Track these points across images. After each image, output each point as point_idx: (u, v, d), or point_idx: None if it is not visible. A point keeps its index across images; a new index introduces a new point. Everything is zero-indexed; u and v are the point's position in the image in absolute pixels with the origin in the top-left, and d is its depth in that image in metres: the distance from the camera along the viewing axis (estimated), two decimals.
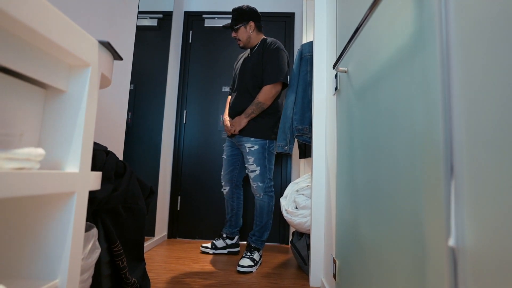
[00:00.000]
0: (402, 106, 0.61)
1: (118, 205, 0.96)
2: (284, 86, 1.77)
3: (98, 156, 0.91)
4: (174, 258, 1.78)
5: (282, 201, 1.75)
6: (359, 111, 0.91)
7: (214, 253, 1.87)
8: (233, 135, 1.81)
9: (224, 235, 1.90)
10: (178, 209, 2.38)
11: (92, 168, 0.88)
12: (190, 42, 2.56)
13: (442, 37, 0.47)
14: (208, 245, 1.90)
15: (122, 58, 0.65)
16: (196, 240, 2.33)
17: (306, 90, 1.71)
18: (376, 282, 0.72)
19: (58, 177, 0.47)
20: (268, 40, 1.78)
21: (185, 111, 2.49)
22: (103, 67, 0.61)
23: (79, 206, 0.53)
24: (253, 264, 1.59)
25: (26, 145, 0.51)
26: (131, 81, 1.71)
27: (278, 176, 2.39)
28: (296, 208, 1.65)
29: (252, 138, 1.73)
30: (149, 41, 2.05)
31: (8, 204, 0.52)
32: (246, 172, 1.86)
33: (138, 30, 1.79)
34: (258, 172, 1.71)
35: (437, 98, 0.48)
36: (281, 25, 2.55)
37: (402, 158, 0.60)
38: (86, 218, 0.82)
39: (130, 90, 1.69)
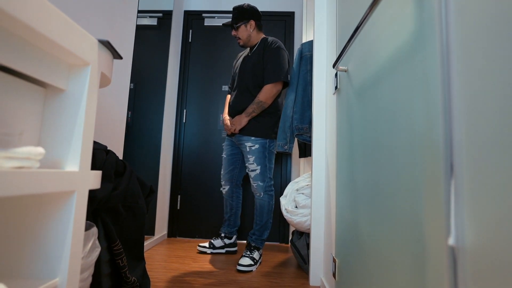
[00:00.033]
0: (402, 105, 0.61)
1: (118, 204, 0.96)
2: (284, 85, 1.77)
3: (98, 155, 0.91)
4: (174, 257, 1.78)
5: (282, 200, 1.75)
6: (359, 110, 0.91)
7: (212, 252, 1.86)
8: (233, 134, 1.81)
9: (222, 235, 1.90)
10: (178, 208, 2.38)
11: (92, 167, 0.88)
12: (190, 41, 2.55)
13: (442, 36, 0.47)
14: (205, 244, 1.88)
15: (122, 57, 0.65)
16: (196, 239, 2.33)
17: (306, 89, 1.70)
18: (376, 281, 0.72)
19: (58, 176, 0.47)
20: (269, 39, 1.78)
21: (185, 110, 2.48)
22: (103, 66, 0.61)
23: (79, 205, 0.53)
24: (253, 263, 1.60)
25: (26, 144, 0.51)
26: (131, 80, 1.71)
27: (278, 175, 2.39)
28: (296, 207, 1.65)
29: (252, 137, 1.72)
30: (149, 40, 2.05)
31: (8, 203, 0.52)
32: (245, 171, 1.87)
33: (138, 29, 1.79)
34: (258, 171, 1.71)
35: (437, 97, 0.48)
36: (281, 24, 2.54)
37: (402, 157, 0.60)
38: (86, 217, 0.82)
39: (130, 89, 1.69)
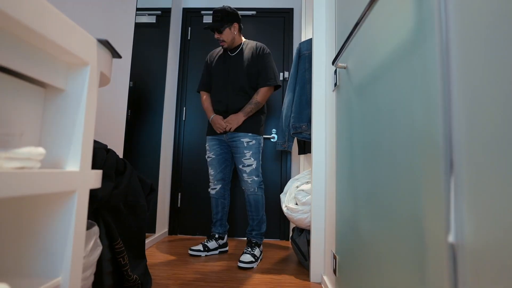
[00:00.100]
0: (402, 102, 0.61)
1: (119, 202, 0.96)
2: (276, 87, 1.88)
3: (99, 154, 0.91)
4: (175, 254, 1.79)
5: (282, 197, 1.76)
6: (359, 107, 0.91)
7: (206, 255, 1.81)
8: (224, 132, 1.82)
9: (216, 236, 1.87)
10: (179, 205, 2.39)
11: (92, 166, 0.88)
12: (189, 38, 2.54)
13: (441, 32, 0.47)
14: (197, 247, 1.80)
15: (121, 56, 0.65)
16: (196, 236, 2.34)
17: (304, 88, 1.71)
18: (376, 277, 0.72)
19: (59, 176, 0.47)
20: (258, 44, 1.87)
21: (184, 108, 2.48)
22: (102, 66, 0.61)
23: (80, 205, 0.54)
24: (254, 260, 1.60)
25: (26, 144, 0.51)
26: (130, 78, 1.71)
27: (278, 172, 2.40)
28: (296, 204, 1.65)
29: (249, 134, 1.79)
30: (147, 38, 2.04)
31: (9, 203, 0.52)
32: (231, 168, 1.93)
33: (137, 27, 1.78)
34: (254, 166, 1.78)
35: (436, 93, 0.48)
36: (279, 20, 2.53)
37: (402, 154, 0.60)
38: (87, 216, 0.82)
39: (129, 88, 1.69)
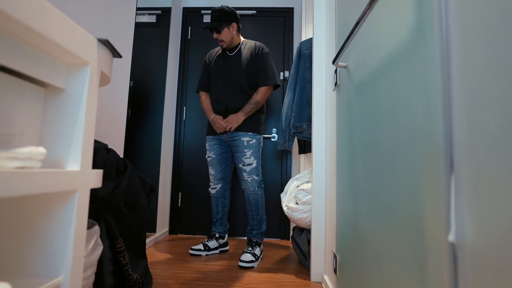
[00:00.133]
0: (402, 101, 0.61)
1: (119, 202, 0.96)
2: (275, 87, 1.88)
3: (99, 153, 0.91)
4: (175, 253, 1.79)
5: (283, 196, 1.76)
6: (359, 106, 0.91)
7: (207, 255, 1.82)
8: (224, 132, 1.82)
9: (217, 235, 1.88)
10: (179, 205, 2.39)
11: (93, 166, 0.88)
12: (189, 38, 2.54)
13: (441, 32, 0.47)
14: (198, 247, 1.81)
15: (121, 56, 0.65)
16: (197, 235, 2.34)
17: (305, 87, 1.71)
18: (376, 276, 0.72)
19: (60, 175, 0.47)
20: (256, 43, 1.87)
21: (184, 108, 2.48)
22: (103, 65, 0.61)
23: (81, 204, 0.54)
24: (254, 259, 1.61)
25: (27, 144, 0.51)
26: (131, 78, 1.71)
27: (278, 171, 2.40)
28: (296, 203, 1.65)
29: (250, 133, 1.80)
30: (148, 37, 2.04)
31: (10, 203, 0.52)
32: (232, 168, 1.94)
33: (137, 26, 1.78)
34: (254, 165, 1.78)
35: (437, 93, 0.48)
36: (280, 20, 2.53)
37: (402, 153, 0.60)
38: (88, 215, 0.83)
39: (129, 87, 1.69)
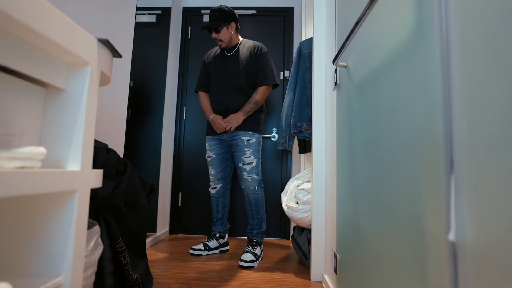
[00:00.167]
0: (402, 101, 0.61)
1: (119, 202, 0.96)
2: (274, 86, 1.88)
3: (99, 153, 0.91)
4: (176, 253, 1.79)
5: (283, 196, 1.76)
6: (359, 106, 0.91)
7: (207, 254, 1.82)
8: (224, 132, 1.83)
9: (217, 235, 1.88)
10: (179, 205, 2.39)
11: (93, 166, 0.88)
12: (189, 38, 2.54)
13: (441, 32, 0.47)
14: (198, 246, 1.81)
15: (121, 56, 0.65)
16: (197, 235, 2.34)
17: (305, 87, 1.71)
18: (377, 276, 0.72)
19: (60, 175, 0.47)
20: (255, 43, 1.87)
21: (185, 108, 2.48)
22: (103, 65, 0.61)
23: (81, 204, 0.54)
24: (255, 259, 1.61)
25: (27, 144, 0.51)
26: (131, 78, 1.71)
27: (278, 171, 2.40)
28: (297, 203, 1.65)
29: (250, 132, 1.80)
30: (148, 37, 2.04)
31: (10, 203, 0.52)
32: (232, 168, 1.94)
33: (137, 26, 1.78)
34: (254, 164, 1.78)
35: (437, 92, 0.48)
36: (280, 19, 2.53)
37: (402, 153, 0.60)
38: (88, 215, 0.83)
39: (129, 87, 1.69)
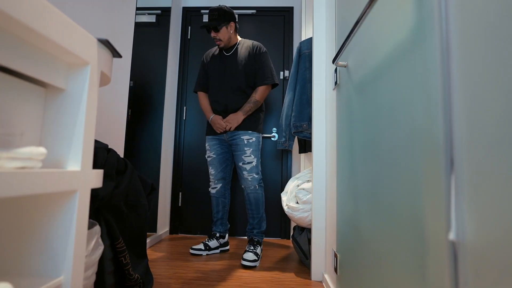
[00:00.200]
0: (402, 100, 0.61)
1: (120, 202, 0.96)
2: (273, 86, 1.88)
3: (99, 153, 0.91)
4: (176, 253, 1.79)
5: (283, 196, 1.76)
6: (359, 106, 0.91)
7: (207, 254, 1.82)
8: (224, 132, 1.83)
9: (217, 235, 1.88)
10: (180, 205, 2.39)
11: (93, 166, 0.88)
12: (189, 38, 2.54)
13: (441, 31, 0.47)
14: (198, 246, 1.81)
15: (121, 56, 0.65)
16: (197, 235, 2.34)
17: (305, 87, 1.71)
18: (377, 275, 0.72)
19: (60, 175, 0.47)
20: (254, 43, 1.87)
21: (185, 107, 2.48)
22: (103, 65, 0.61)
23: (82, 204, 0.54)
24: (257, 258, 1.62)
25: (27, 144, 0.51)
26: (131, 78, 1.71)
27: (278, 171, 2.40)
28: (297, 203, 1.66)
29: (249, 131, 1.81)
30: (148, 37, 2.04)
31: (11, 203, 0.52)
32: (232, 167, 1.95)
33: (137, 26, 1.78)
34: (254, 163, 1.79)
35: (437, 91, 0.48)
36: (279, 19, 2.53)
37: (402, 152, 0.60)
38: (89, 215, 0.83)
39: (129, 87, 1.69)
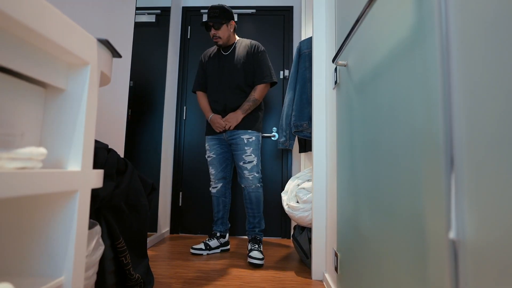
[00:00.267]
0: (402, 99, 0.61)
1: (120, 202, 0.96)
2: (272, 84, 1.88)
3: (100, 154, 0.91)
4: (176, 253, 1.80)
5: (283, 195, 1.76)
6: (359, 105, 0.91)
7: (208, 254, 1.82)
8: (223, 131, 1.83)
9: (218, 234, 1.89)
10: (180, 204, 2.39)
11: (93, 166, 0.88)
12: (189, 37, 2.54)
13: (441, 30, 0.47)
14: (199, 246, 1.82)
15: (121, 56, 0.65)
16: (198, 235, 2.34)
17: (305, 87, 1.71)
18: (377, 274, 0.72)
19: (61, 176, 0.47)
20: (252, 42, 1.88)
21: (185, 107, 2.48)
22: (103, 65, 0.61)
23: (82, 204, 0.54)
24: (263, 256, 1.63)
25: (27, 144, 0.51)
26: (131, 78, 1.71)
27: (279, 170, 2.40)
28: (297, 202, 1.66)
29: (249, 130, 1.81)
30: (147, 37, 2.04)
31: (11, 203, 0.52)
32: (232, 167, 1.95)
33: (136, 26, 1.78)
34: (255, 162, 1.79)
35: (437, 91, 0.48)
36: (279, 18, 2.53)
37: (402, 152, 0.60)
38: (89, 215, 0.83)
39: (129, 87, 1.69)
